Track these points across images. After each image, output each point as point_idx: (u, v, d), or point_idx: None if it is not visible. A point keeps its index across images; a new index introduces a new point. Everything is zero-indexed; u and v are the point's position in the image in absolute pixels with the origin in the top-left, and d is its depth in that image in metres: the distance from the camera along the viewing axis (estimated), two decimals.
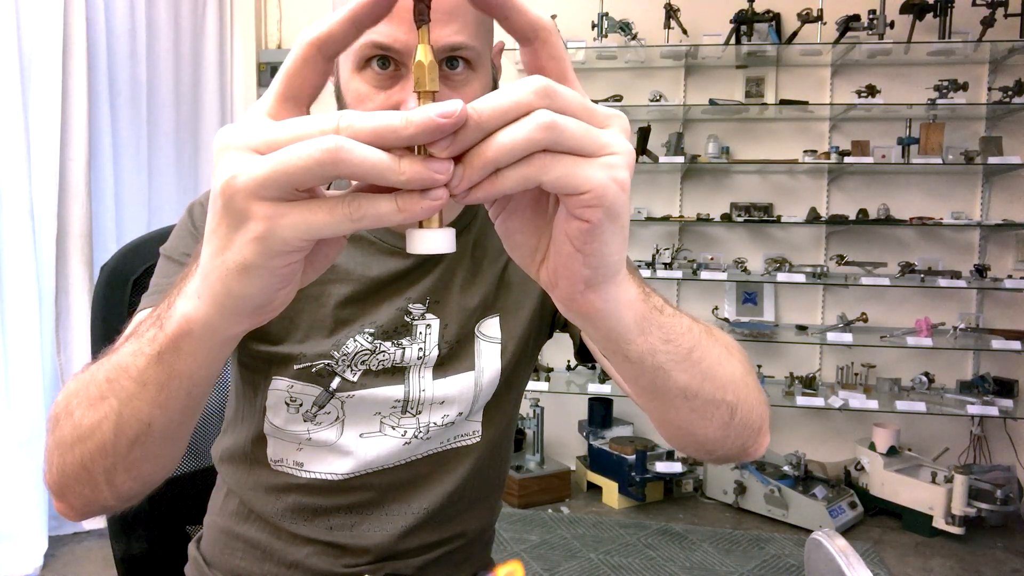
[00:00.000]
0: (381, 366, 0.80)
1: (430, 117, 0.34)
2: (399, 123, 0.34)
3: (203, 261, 0.40)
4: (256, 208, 0.36)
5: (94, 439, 0.53)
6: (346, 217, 0.35)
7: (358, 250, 0.81)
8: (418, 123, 0.34)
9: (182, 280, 0.47)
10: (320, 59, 0.37)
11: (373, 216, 0.35)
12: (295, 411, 0.80)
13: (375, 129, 0.34)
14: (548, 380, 3.13)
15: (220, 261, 0.38)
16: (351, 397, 0.80)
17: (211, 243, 0.38)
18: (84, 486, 0.56)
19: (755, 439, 0.64)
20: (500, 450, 0.91)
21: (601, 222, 0.38)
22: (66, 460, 0.56)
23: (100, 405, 0.52)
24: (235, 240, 0.37)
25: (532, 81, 0.36)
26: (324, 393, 0.79)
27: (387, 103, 0.68)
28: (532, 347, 0.89)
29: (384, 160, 0.34)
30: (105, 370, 0.52)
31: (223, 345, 0.45)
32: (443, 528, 0.86)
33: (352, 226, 0.36)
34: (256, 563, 0.84)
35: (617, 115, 0.39)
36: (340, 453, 0.81)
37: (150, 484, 0.58)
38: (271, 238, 0.36)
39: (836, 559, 0.50)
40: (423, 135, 0.34)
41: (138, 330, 0.51)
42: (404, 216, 0.35)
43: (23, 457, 2.39)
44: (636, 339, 0.48)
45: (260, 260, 0.37)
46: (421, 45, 0.37)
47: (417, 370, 0.81)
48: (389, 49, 0.66)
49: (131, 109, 2.85)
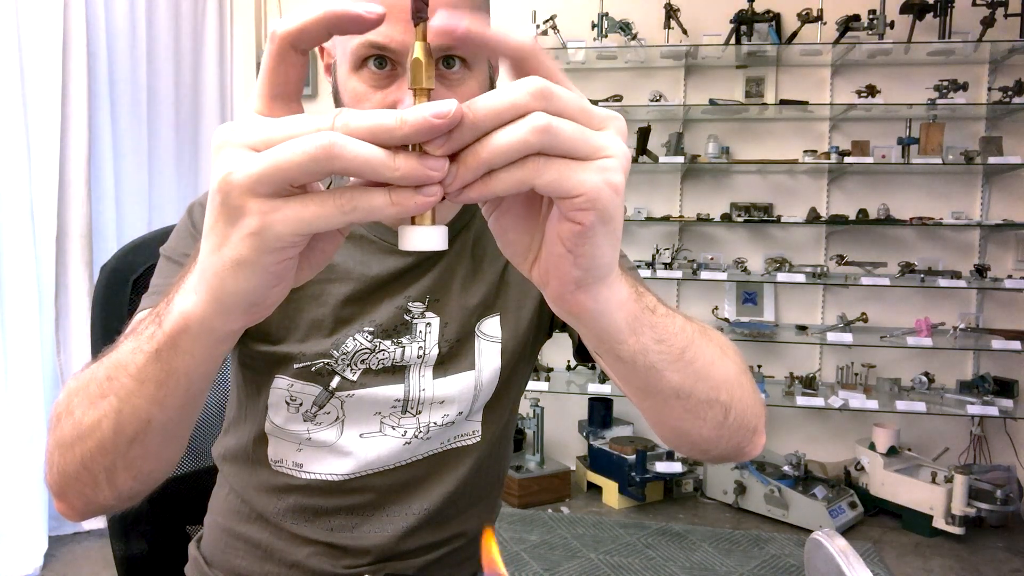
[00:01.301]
0: (381, 365, 0.80)
1: (424, 117, 0.34)
2: (394, 123, 0.34)
3: (201, 257, 0.40)
4: (251, 204, 0.36)
5: (94, 437, 0.53)
6: (338, 209, 0.36)
7: (358, 249, 0.81)
8: (412, 123, 0.34)
9: (181, 278, 0.47)
10: (294, 53, 0.37)
11: (365, 208, 0.36)
12: (295, 411, 0.80)
13: (370, 128, 0.34)
14: (548, 380, 3.13)
15: (217, 257, 0.38)
16: (351, 396, 0.79)
17: (209, 239, 0.39)
18: (85, 485, 0.56)
19: (751, 439, 0.64)
20: (500, 450, 0.91)
21: (593, 225, 0.38)
22: (66, 459, 0.56)
23: (100, 403, 0.52)
24: (231, 236, 0.37)
25: (529, 82, 0.36)
26: (324, 392, 0.79)
27: (384, 102, 0.68)
28: (532, 347, 0.89)
29: (379, 156, 0.34)
30: (105, 368, 0.52)
31: (220, 342, 0.45)
32: (443, 528, 0.86)
33: (344, 219, 0.36)
34: (257, 563, 0.84)
35: (614, 117, 0.39)
36: (340, 454, 0.81)
37: (150, 483, 0.58)
38: (265, 233, 0.36)
39: (836, 559, 0.50)
40: (418, 135, 0.34)
41: (137, 328, 0.51)
42: (397, 210, 0.36)
43: (23, 457, 2.39)
44: (628, 339, 0.48)
45: (254, 256, 0.37)
46: (417, 42, 0.37)
47: (417, 369, 0.81)
48: (386, 49, 0.66)
49: (131, 109, 2.85)
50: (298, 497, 0.82)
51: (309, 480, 0.81)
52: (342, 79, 0.72)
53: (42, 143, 2.48)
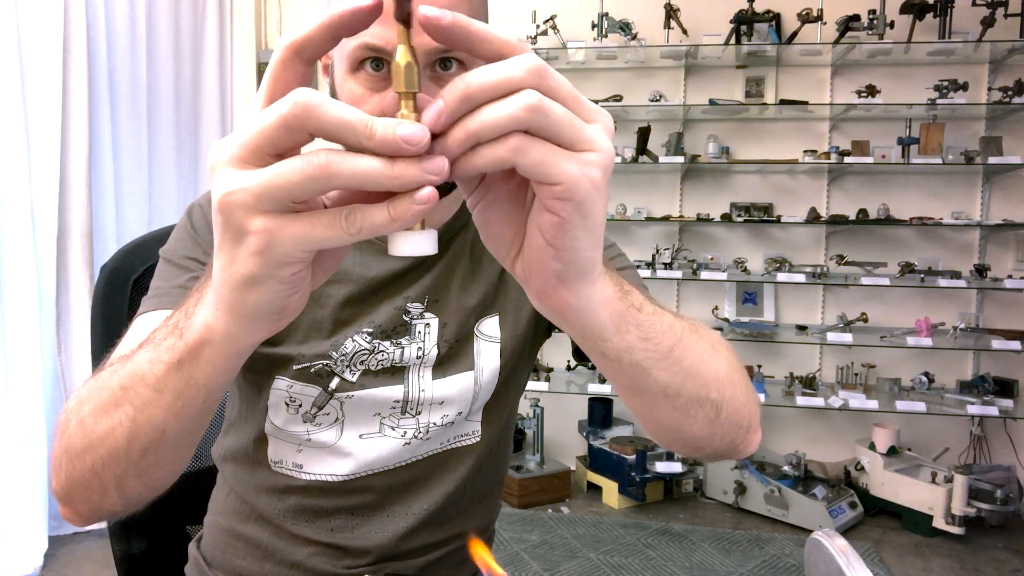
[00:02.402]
0: (380, 366, 0.80)
1: (394, 137, 0.34)
2: (362, 130, 0.34)
3: (214, 275, 0.41)
4: (254, 222, 0.36)
5: (106, 445, 0.53)
6: (343, 231, 0.36)
7: (356, 251, 0.82)
8: (380, 138, 0.34)
9: (198, 290, 0.47)
10: (299, 62, 0.37)
11: (369, 228, 0.36)
12: (295, 412, 0.80)
13: (337, 124, 0.34)
14: (548, 380, 3.12)
15: (229, 274, 0.39)
16: (350, 397, 0.80)
17: (219, 258, 0.39)
18: (93, 492, 0.56)
19: (744, 436, 0.64)
20: (500, 450, 0.91)
21: (572, 216, 0.38)
22: (76, 467, 0.56)
23: (114, 412, 0.52)
24: (239, 254, 0.38)
25: (526, 60, 0.36)
26: (323, 393, 0.79)
27: (380, 104, 0.69)
28: (531, 346, 0.89)
29: (376, 168, 0.34)
30: (119, 377, 0.52)
31: (241, 354, 0.46)
32: (443, 528, 0.86)
33: (350, 239, 0.36)
34: (257, 563, 0.84)
35: (602, 112, 0.39)
36: (340, 454, 0.81)
37: (158, 489, 0.59)
38: (272, 251, 0.37)
39: (836, 559, 0.50)
40: (383, 151, 0.35)
41: (154, 338, 0.51)
42: (398, 224, 0.36)
43: (23, 457, 2.39)
44: (612, 337, 0.48)
45: (264, 271, 0.38)
46: (400, 45, 0.37)
47: (416, 370, 0.81)
48: (381, 51, 0.67)
49: (131, 109, 2.86)
50: (298, 498, 0.82)
51: (309, 481, 0.81)
52: (339, 81, 0.72)
53: (42, 143, 2.48)
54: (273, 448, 0.83)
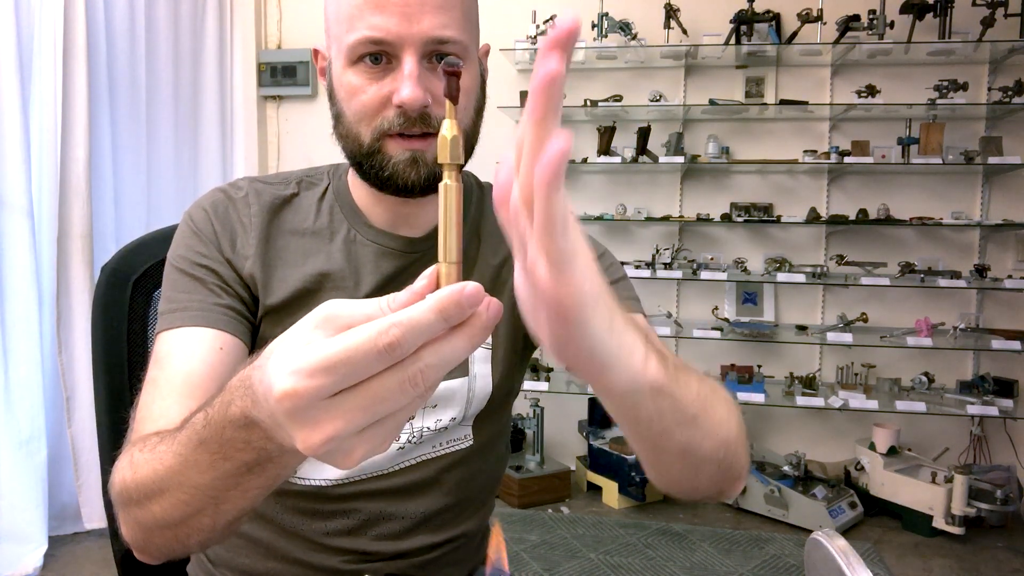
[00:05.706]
0: None
1: (458, 302, 0.39)
2: (439, 325, 0.39)
3: (292, 438, 0.41)
4: (327, 417, 0.40)
5: (190, 525, 0.55)
6: (419, 399, 0.41)
7: (352, 255, 0.81)
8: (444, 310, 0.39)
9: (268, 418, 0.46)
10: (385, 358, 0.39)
11: (434, 382, 0.41)
12: None
13: (418, 329, 0.39)
14: (548, 380, 3.12)
15: (305, 448, 0.40)
16: None
17: (296, 437, 0.40)
18: (173, 546, 0.58)
19: (732, 484, 0.66)
20: (494, 452, 0.91)
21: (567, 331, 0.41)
22: (154, 536, 0.57)
23: (194, 502, 0.53)
24: (313, 440, 0.40)
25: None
26: None
27: (378, 94, 0.71)
28: (524, 350, 0.89)
29: (432, 321, 0.38)
30: (195, 481, 0.52)
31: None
32: (441, 531, 0.86)
33: (420, 401, 0.41)
34: (260, 560, 0.84)
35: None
36: None
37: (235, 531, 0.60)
38: (343, 434, 0.40)
39: (836, 559, 0.50)
40: (454, 314, 0.39)
41: (224, 445, 0.49)
42: (478, 345, 0.41)
43: (23, 457, 2.39)
44: (648, 403, 0.49)
45: (337, 445, 0.40)
46: (448, 120, 0.40)
47: None
48: (382, 42, 0.69)
49: (131, 109, 2.86)
50: (295, 500, 0.82)
51: (305, 486, 0.82)
52: (337, 74, 0.74)
53: (42, 143, 2.48)
54: None
